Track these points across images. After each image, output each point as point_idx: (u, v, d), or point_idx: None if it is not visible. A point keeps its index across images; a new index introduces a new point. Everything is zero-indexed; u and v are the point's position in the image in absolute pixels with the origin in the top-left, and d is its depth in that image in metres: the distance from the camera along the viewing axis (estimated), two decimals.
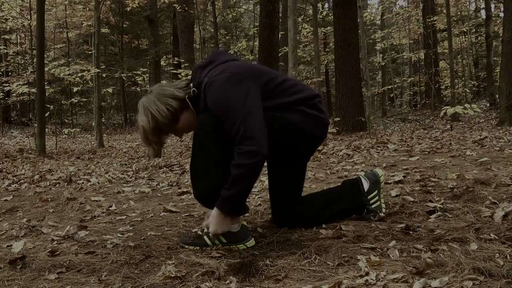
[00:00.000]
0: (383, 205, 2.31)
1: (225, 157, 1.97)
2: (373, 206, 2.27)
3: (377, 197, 2.29)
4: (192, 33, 16.63)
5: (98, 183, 4.19)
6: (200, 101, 2.05)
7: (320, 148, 5.75)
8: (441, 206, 2.36)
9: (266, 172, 2.31)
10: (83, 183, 4.24)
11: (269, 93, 2.04)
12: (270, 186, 2.27)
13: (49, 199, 3.45)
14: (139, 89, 17.79)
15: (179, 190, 3.46)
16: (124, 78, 15.63)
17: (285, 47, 9.73)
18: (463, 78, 18.94)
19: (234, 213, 2.01)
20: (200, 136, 2.04)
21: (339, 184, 2.41)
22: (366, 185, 2.29)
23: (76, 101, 13.83)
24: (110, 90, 14.14)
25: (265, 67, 2.18)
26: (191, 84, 2.10)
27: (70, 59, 18.15)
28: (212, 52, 2.18)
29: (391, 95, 20.71)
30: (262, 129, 1.92)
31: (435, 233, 1.96)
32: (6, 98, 15.82)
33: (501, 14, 15.69)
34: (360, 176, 2.34)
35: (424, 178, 3.15)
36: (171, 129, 2.08)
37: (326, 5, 21.21)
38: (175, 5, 11.15)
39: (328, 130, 2.75)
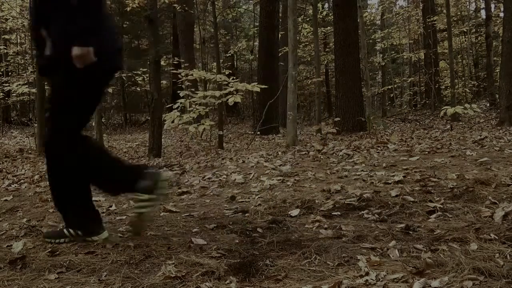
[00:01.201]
0: (148, 213, 2.14)
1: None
2: (138, 204, 2.13)
3: (147, 203, 2.11)
4: (192, 33, 16.61)
5: None
6: None
7: (320, 148, 5.75)
8: (441, 206, 2.36)
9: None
10: None
11: None
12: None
13: (49, 199, 3.44)
14: (139, 89, 17.77)
15: (179, 190, 3.46)
16: (124, 78, 15.62)
17: (285, 47, 9.72)
18: (463, 78, 18.92)
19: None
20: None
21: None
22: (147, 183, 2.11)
23: None
24: (110, 90, 14.09)
25: None
26: None
27: None
28: None
29: (391, 95, 20.67)
30: None
31: (435, 233, 1.96)
32: (6, 98, 15.79)
33: (501, 14, 15.68)
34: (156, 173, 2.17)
35: (424, 178, 3.15)
36: None
37: (326, 5, 21.19)
38: (175, 5, 11.14)
39: (328, 130, 2.72)
